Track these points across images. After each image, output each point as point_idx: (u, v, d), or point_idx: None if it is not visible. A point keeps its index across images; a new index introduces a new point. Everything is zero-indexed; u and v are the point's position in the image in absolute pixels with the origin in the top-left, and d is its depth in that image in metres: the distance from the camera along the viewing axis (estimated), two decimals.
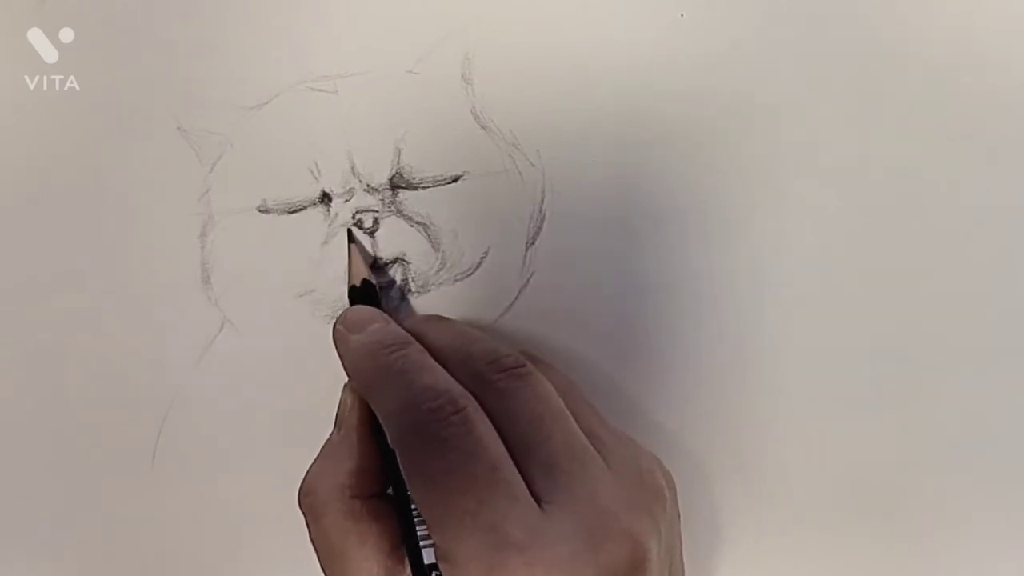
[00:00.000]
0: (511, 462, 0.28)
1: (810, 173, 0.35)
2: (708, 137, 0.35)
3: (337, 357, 0.33)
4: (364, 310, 0.33)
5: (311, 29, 0.36)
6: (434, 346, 0.32)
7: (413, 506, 0.30)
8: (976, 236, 0.35)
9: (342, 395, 0.33)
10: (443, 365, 0.31)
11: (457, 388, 0.30)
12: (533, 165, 0.35)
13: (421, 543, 0.30)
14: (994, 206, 0.35)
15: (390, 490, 0.32)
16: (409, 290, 0.35)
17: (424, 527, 0.30)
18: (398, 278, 0.35)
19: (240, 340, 0.36)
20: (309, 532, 0.31)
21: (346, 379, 0.33)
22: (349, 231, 0.35)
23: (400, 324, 0.33)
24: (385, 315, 0.33)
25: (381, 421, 0.30)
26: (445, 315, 0.35)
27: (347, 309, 0.34)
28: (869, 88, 0.34)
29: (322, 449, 0.33)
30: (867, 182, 0.35)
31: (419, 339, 0.32)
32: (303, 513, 0.31)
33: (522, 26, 0.35)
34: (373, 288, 0.34)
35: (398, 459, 0.30)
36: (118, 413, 0.37)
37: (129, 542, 0.37)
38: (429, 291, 0.35)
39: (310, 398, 0.36)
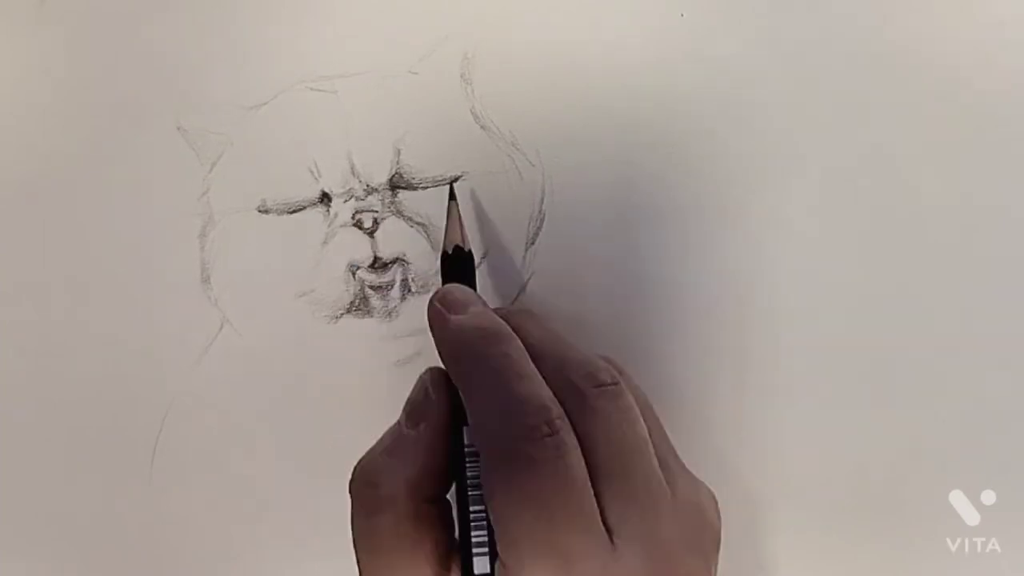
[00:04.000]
0: (591, 492, 0.28)
1: (810, 173, 0.35)
2: (708, 137, 0.35)
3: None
4: (464, 290, 0.31)
5: (311, 30, 0.36)
6: (528, 343, 0.30)
7: (474, 510, 0.29)
8: (976, 236, 0.35)
9: (421, 384, 0.31)
10: (536, 366, 0.30)
11: (555, 407, 0.28)
12: (533, 165, 0.35)
13: (474, 551, 0.29)
14: (994, 206, 0.35)
15: (449, 493, 0.31)
16: (409, 290, 0.35)
17: (482, 536, 0.29)
18: (398, 278, 0.35)
19: (240, 340, 0.36)
20: (353, 520, 0.30)
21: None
22: (451, 186, 0.34)
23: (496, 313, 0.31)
24: (482, 300, 0.32)
25: (469, 415, 0.29)
26: None
27: (445, 287, 0.31)
28: (869, 88, 0.34)
29: (390, 439, 0.30)
30: (867, 182, 0.35)
31: (514, 332, 0.30)
32: (353, 499, 0.30)
33: (522, 27, 0.35)
34: (469, 259, 0.33)
35: (482, 467, 0.29)
36: (118, 413, 0.37)
37: (128, 542, 0.37)
38: (429, 291, 0.35)
39: (310, 398, 0.36)
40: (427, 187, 0.35)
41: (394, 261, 0.35)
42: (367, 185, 0.35)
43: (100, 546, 0.37)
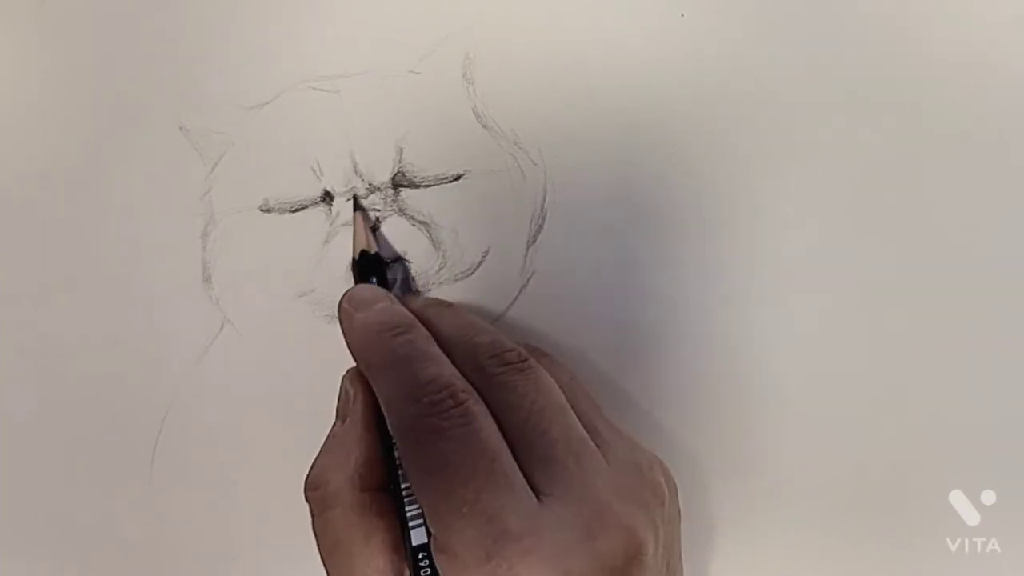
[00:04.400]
0: (510, 454, 0.29)
1: (810, 173, 0.35)
2: (708, 137, 0.35)
3: (333, 361, 0.33)
4: (371, 288, 0.33)
5: (313, 29, 0.36)
6: (439, 332, 0.32)
7: (404, 487, 0.30)
8: (977, 235, 0.35)
9: (343, 384, 0.33)
10: (446, 353, 0.31)
11: (460, 382, 0.30)
12: (535, 164, 0.35)
13: (410, 524, 0.30)
14: (995, 205, 0.35)
15: None
16: (411, 289, 0.35)
17: (415, 509, 0.30)
18: (399, 277, 0.35)
19: (240, 340, 0.36)
20: (313, 524, 0.31)
21: (346, 369, 0.33)
22: (355, 197, 0.35)
23: (406, 306, 0.33)
24: (391, 295, 0.33)
25: (382, 406, 0.30)
26: None
27: (353, 287, 0.34)
28: (869, 88, 0.35)
29: (326, 441, 0.32)
30: (867, 181, 0.35)
31: (424, 323, 0.32)
32: (310, 505, 0.31)
33: (523, 26, 0.35)
34: (377, 260, 0.34)
35: (397, 447, 0.30)
36: (118, 413, 0.37)
37: (128, 542, 0.37)
38: (430, 290, 0.35)
39: (310, 398, 0.36)
40: (429, 186, 0.35)
41: (396, 260, 0.35)
42: (369, 184, 0.35)
43: (100, 546, 0.37)
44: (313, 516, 0.31)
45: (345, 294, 0.33)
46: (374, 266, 0.34)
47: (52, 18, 0.37)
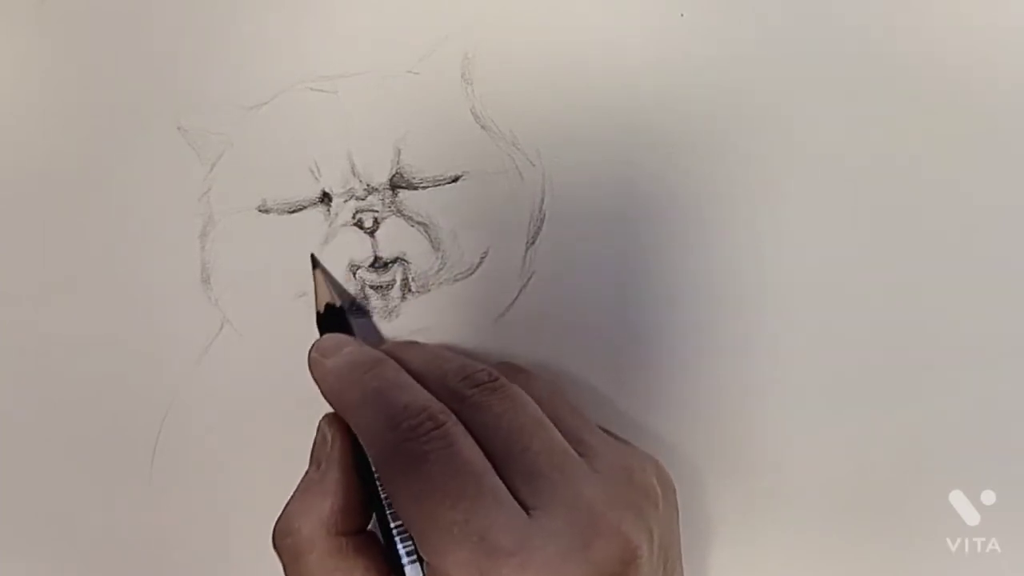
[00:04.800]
0: (494, 472, 0.28)
1: (810, 173, 0.35)
2: (708, 137, 0.35)
3: None
4: (336, 336, 0.34)
5: (311, 29, 0.36)
6: (408, 366, 0.32)
7: (395, 526, 0.30)
8: (977, 235, 0.35)
9: (319, 429, 0.33)
10: (421, 386, 0.31)
11: (436, 404, 0.30)
12: (533, 165, 0.35)
13: (404, 562, 0.30)
14: (995, 205, 0.35)
15: (371, 525, 0.32)
16: (409, 290, 0.35)
17: (409, 546, 0.30)
18: (398, 278, 0.35)
19: (240, 340, 0.36)
20: (286, 573, 0.31)
21: (322, 414, 0.33)
22: (313, 256, 0.35)
23: (374, 348, 0.33)
24: (357, 340, 0.34)
25: (362, 442, 0.30)
26: (444, 316, 0.35)
27: (320, 338, 0.34)
28: (869, 87, 0.34)
29: (300, 486, 0.32)
30: (868, 182, 0.35)
31: (395, 359, 0.32)
32: (280, 554, 0.31)
33: (522, 26, 0.35)
34: (341, 312, 0.35)
35: (380, 479, 0.30)
36: (118, 413, 0.37)
37: (128, 542, 0.37)
38: (429, 291, 0.35)
39: (310, 398, 0.36)
40: (427, 187, 0.35)
41: (394, 261, 0.35)
42: (367, 185, 0.35)
43: (100, 546, 0.37)
44: (285, 565, 0.31)
45: (313, 345, 0.33)
46: (339, 319, 0.35)
47: (52, 18, 0.37)
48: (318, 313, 0.35)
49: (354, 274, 0.35)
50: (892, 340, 0.35)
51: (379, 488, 0.31)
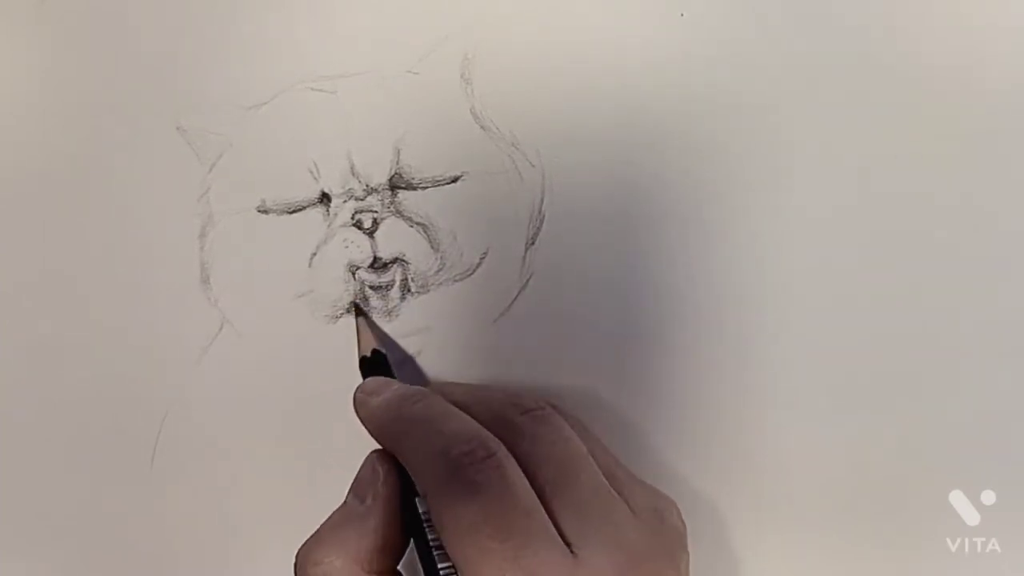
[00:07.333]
0: (542, 509, 0.28)
1: (810, 173, 0.35)
2: (708, 137, 0.35)
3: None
4: (380, 379, 0.33)
5: (311, 29, 0.36)
6: (453, 400, 0.31)
7: (442, 567, 0.29)
8: (977, 236, 0.35)
9: (367, 464, 0.32)
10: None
11: (485, 432, 0.29)
12: (533, 165, 0.35)
13: None
14: (995, 205, 0.34)
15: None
16: (409, 290, 0.35)
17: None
18: (397, 278, 0.35)
19: (240, 340, 0.36)
20: None
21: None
22: (357, 306, 0.35)
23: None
24: (400, 382, 0.33)
25: (411, 472, 0.30)
26: (443, 316, 0.35)
27: (364, 381, 0.34)
28: (869, 88, 0.34)
29: (337, 516, 0.31)
30: (868, 182, 0.35)
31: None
32: None
33: (522, 26, 0.35)
34: (384, 358, 0.35)
35: (429, 508, 0.29)
36: (118, 413, 0.37)
37: (128, 542, 0.37)
38: (428, 291, 0.35)
39: (310, 398, 0.36)
40: (427, 187, 0.35)
41: (394, 261, 0.35)
42: (367, 185, 0.35)
43: (100, 546, 0.37)
44: None
45: (357, 388, 0.33)
46: (382, 365, 0.34)
47: (52, 18, 0.37)
48: (363, 359, 0.35)
49: (353, 274, 0.36)
50: (892, 340, 0.35)
51: (425, 527, 0.30)
